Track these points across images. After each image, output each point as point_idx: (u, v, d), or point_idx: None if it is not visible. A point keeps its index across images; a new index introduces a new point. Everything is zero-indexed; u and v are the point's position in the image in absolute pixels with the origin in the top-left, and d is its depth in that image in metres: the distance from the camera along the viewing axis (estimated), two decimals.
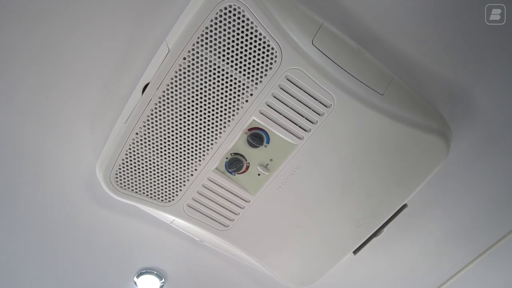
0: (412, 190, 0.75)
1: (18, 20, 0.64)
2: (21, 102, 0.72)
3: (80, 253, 0.96)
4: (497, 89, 0.73)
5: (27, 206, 0.86)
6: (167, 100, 0.65)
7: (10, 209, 0.87)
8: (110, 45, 0.68)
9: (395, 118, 0.68)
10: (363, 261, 1.00)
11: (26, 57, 0.68)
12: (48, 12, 0.64)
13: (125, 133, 0.69)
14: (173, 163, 0.72)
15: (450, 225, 0.94)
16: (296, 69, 0.63)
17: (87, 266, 0.99)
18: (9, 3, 0.63)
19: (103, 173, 0.73)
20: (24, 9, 0.63)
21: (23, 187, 0.84)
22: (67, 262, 0.97)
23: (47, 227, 0.90)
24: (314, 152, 0.70)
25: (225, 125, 0.68)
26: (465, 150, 0.82)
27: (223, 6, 0.58)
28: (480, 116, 0.76)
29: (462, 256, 1.00)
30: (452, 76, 0.71)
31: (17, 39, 0.66)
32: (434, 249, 0.99)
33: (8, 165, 0.80)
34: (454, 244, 0.98)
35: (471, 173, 0.85)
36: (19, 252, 0.95)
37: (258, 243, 0.83)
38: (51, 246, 0.94)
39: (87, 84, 0.71)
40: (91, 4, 0.64)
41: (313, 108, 0.66)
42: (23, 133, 0.76)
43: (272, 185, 0.74)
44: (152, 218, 0.87)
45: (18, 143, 0.77)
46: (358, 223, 0.79)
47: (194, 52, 0.61)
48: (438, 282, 1.06)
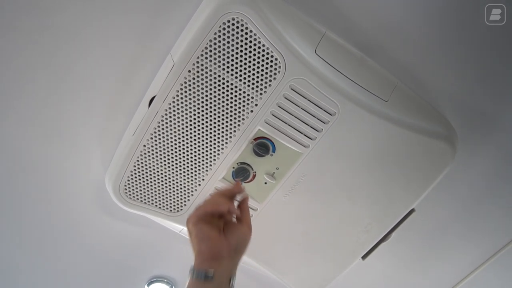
0: (419, 195, 0.75)
1: (29, 37, 0.66)
2: (31, 116, 0.74)
3: (91, 263, 0.97)
4: (498, 90, 0.72)
5: (38, 219, 0.88)
6: (174, 112, 0.66)
7: (21, 222, 0.88)
8: (116, 59, 0.69)
9: (399, 124, 0.68)
10: (372, 266, 1.00)
11: (36, 73, 0.69)
12: (57, 28, 0.65)
13: (133, 145, 0.70)
14: (181, 173, 0.73)
15: (459, 227, 0.94)
16: (300, 78, 0.63)
17: (98, 276, 1.00)
18: (20, 19, 0.64)
19: (112, 185, 0.75)
20: (36, 26, 0.65)
21: (34, 201, 0.85)
22: (79, 272, 0.99)
23: (58, 239, 0.92)
24: (320, 159, 0.71)
25: (231, 135, 0.68)
26: (472, 153, 0.81)
27: (226, 19, 0.58)
28: (484, 118, 0.76)
29: (471, 259, 0.99)
30: (456, 79, 0.71)
31: (28, 56, 0.67)
32: (443, 252, 0.98)
33: (19, 178, 0.82)
34: (463, 246, 0.97)
35: (479, 175, 0.85)
36: (29, 264, 0.96)
37: (267, 250, 0.84)
38: (61, 257, 0.95)
39: (94, 98, 0.73)
40: (97, 20, 0.65)
41: (318, 116, 0.66)
42: (34, 147, 0.78)
43: (279, 193, 0.75)
44: (161, 227, 0.87)
45: (28, 157, 0.79)
46: (366, 228, 0.80)
47: (198, 65, 0.62)
48: (448, 285, 1.05)
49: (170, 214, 0.78)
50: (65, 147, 0.78)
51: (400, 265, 1.02)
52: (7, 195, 0.84)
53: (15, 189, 0.83)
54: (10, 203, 0.85)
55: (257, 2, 0.58)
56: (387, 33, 0.67)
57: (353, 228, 0.79)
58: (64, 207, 0.86)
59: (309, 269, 0.86)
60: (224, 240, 0.57)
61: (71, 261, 0.96)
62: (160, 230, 0.89)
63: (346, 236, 0.81)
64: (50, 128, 0.75)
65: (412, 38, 0.67)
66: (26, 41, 0.66)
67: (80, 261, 0.96)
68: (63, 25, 0.65)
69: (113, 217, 0.88)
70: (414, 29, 0.66)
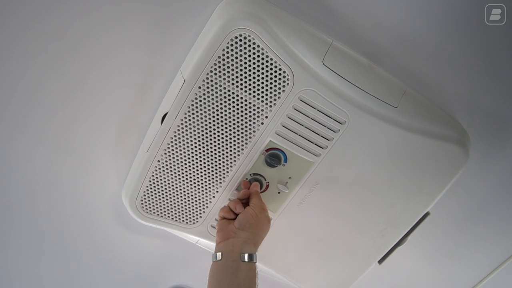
0: (433, 198, 0.75)
1: (42, 59, 0.68)
2: (48, 137, 0.76)
3: (111, 277, 0.99)
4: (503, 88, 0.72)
5: (58, 235, 0.90)
6: (186, 127, 0.67)
7: (43, 240, 0.91)
8: (127, 78, 0.71)
9: (410, 129, 0.68)
10: (389, 270, 1.00)
11: (50, 95, 0.72)
12: (72, 51, 0.67)
13: (147, 161, 0.71)
14: (195, 187, 0.74)
15: (477, 229, 0.93)
16: (308, 89, 0.64)
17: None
18: (34, 43, 0.66)
19: (129, 200, 0.76)
20: (52, 50, 0.67)
21: (53, 217, 0.87)
22: (101, 286, 1.01)
23: (78, 255, 0.94)
24: (332, 168, 0.71)
25: (243, 148, 0.69)
26: (485, 151, 0.81)
27: (233, 36, 0.59)
28: (495, 118, 0.76)
29: (489, 259, 0.98)
30: (464, 80, 0.71)
31: (42, 78, 0.70)
32: (460, 253, 0.98)
33: (40, 197, 0.84)
34: (481, 247, 0.97)
35: (496, 174, 0.84)
36: (52, 280, 0.98)
37: (283, 258, 0.84)
38: (83, 272, 0.98)
39: (108, 117, 0.75)
40: (108, 41, 0.67)
41: (328, 125, 0.67)
42: (52, 166, 0.80)
43: (292, 202, 0.76)
44: (177, 238, 0.89)
45: (47, 176, 0.81)
46: (381, 233, 0.80)
47: (208, 81, 0.63)
48: (469, 285, 1.04)
49: (186, 226, 0.79)
50: (82, 165, 0.80)
51: (416, 267, 1.01)
52: (29, 214, 0.86)
53: (36, 208, 0.86)
54: (32, 222, 0.88)
55: (263, 18, 0.59)
56: (394, 41, 0.67)
57: (368, 233, 0.80)
58: (83, 223, 0.88)
59: (326, 276, 0.87)
60: (231, 225, 0.69)
61: (93, 275, 0.98)
62: (177, 241, 0.90)
63: (361, 242, 0.81)
64: (66, 147, 0.78)
65: (419, 46, 0.67)
66: (40, 64, 0.68)
67: (102, 275, 0.98)
68: (79, 50, 0.67)
69: (131, 231, 0.90)
70: (422, 38, 0.66)
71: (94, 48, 0.68)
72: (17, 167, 0.80)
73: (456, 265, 1.02)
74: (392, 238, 0.80)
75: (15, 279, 0.98)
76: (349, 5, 0.63)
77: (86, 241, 0.92)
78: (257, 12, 0.60)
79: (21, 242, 0.91)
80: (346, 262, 0.84)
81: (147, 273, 0.99)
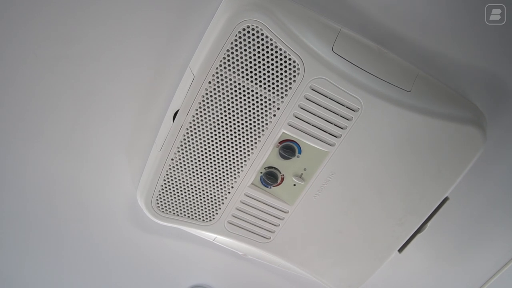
0: (451, 183, 0.74)
1: (51, 66, 0.68)
2: (61, 142, 0.77)
3: (129, 278, 1.00)
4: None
5: (77, 240, 0.91)
6: (198, 124, 0.67)
7: (62, 245, 0.91)
8: (137, 78, 0.71)
9: (424, 113, 0.67)
10: (409, 258, 0.99)
11: (64, 100, 0.72)
12: (82, 57, 0.68)
13: (161, 160, 0.71)
14: (210, 183, 0.74)
15: (497, 211, 0.92)
16: (319, 78, 0.63)
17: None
18: (42, 48, 0.67)
19: (144, 200, 0.76)
20: (58, 55, 0.67)
21: (71, 223, 0.88)
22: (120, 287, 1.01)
23: (97, 259, 0.94)
24: (347, 157, 0.70)
25: (256, 141, 0.69)
26: (501, 134, 0.79)
27: (241, 28, 0.59)
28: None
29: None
30: (478, 62, 0.70)
31: (57, 85, 0.70)
32: (483, 237, 0.96)
33: (57, 203, 0.85)
34: (505, 229, 0.95)
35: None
36: (74, 285, 0.99)
37: (301, 251, 0.84)
38: (102, 275, 0.98)
39: (119, 118, 0.75)
40: (117, 43, 0.67)
41: (341, 114, 0.66)
42: (66, 171, 0.80)
43: (308, 193, 0.75)
44: (194, 237, 0.89)
45: (62, 181, 0.81)
46: (400, 221, 0.79)
47: (218, 75, 0.63)
48: (490, 272, 1.03)
49: (203, 224, 0.79)
50: (96, 168, 0.80)
51: (437, 256, 1.00)
52: (47, 220, 0.87)
53: (53, 214, 0.86)
54: (51, 228, 0.88)
55: (270, 8, 0.59)
56: (404, 25, 0.66)
57: (387, 222, 0.79)
58: (100, 226, 0.89)
59: (346, 267, 0.86)
60: None
61: (113, 277, 0.98)
62: (194, 240, 0.90)
63: (380, 231, 0.80)
64: (79, 152, 0.78)
65: (430, 28, 0.66)
66: (50, 70, 0.68)
67: (122, 278, 0.99)
68: (88, 55, 0.68)
69: (147, 232, 0.90)
70: (432, 20, 0.65)
71: (104, 53, 0.68)
72: (33, 174, 0.80)
73: (477, 251, 1.00)
74: (411, 225, 0.79)
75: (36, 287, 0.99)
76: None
77: (105, 245, 0.92)
78: (264, 3, 0.59)
79: (41, 249, 0.92)
80: (365, 252, 0.83)
81: (166, 273, 0.99)
